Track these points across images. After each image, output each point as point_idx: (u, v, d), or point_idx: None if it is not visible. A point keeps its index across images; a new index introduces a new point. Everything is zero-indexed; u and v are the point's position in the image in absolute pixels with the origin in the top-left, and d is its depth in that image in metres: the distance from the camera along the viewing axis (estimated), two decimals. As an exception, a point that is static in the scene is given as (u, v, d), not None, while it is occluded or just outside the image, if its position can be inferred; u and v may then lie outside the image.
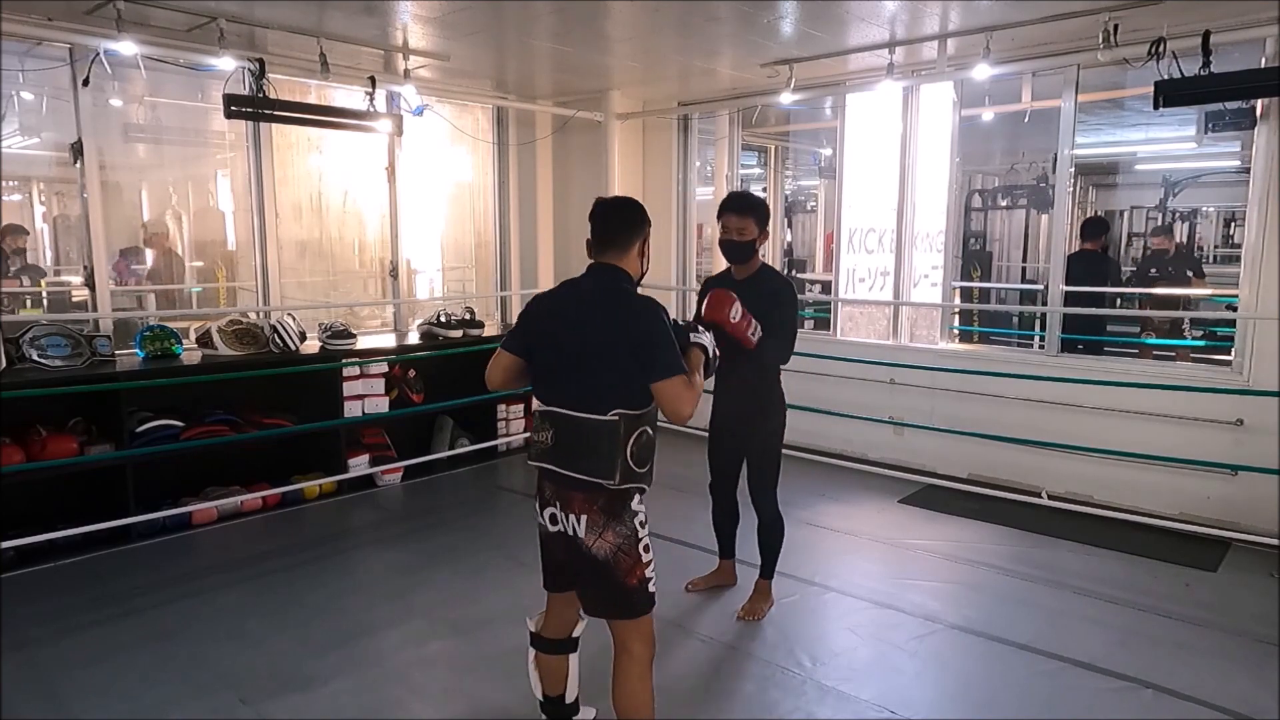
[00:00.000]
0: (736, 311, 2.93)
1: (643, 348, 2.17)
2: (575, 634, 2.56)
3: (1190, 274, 6.75)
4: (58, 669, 3.15)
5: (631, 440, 2.19)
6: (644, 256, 2.40)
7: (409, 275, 6.44)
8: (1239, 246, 6.31)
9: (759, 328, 3.04)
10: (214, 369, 4.73)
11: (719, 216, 3.37)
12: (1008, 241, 9.50)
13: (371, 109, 5.14)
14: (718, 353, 2.51)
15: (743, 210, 3.31)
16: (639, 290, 2.38)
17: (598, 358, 2.21)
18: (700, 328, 2.47)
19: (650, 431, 2.25)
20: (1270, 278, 4.36)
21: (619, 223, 2.36)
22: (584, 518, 2.22)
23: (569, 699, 2.61)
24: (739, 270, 3.41)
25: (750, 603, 3.58)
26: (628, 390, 2.18)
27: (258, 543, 4.50)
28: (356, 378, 5.27)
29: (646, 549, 2.27)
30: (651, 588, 2.28)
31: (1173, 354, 6.34)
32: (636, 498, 2.27)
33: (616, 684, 2.30)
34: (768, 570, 3.60)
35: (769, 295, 3.27)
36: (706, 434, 3.67)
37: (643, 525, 2.27)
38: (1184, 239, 10.65)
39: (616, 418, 2.18)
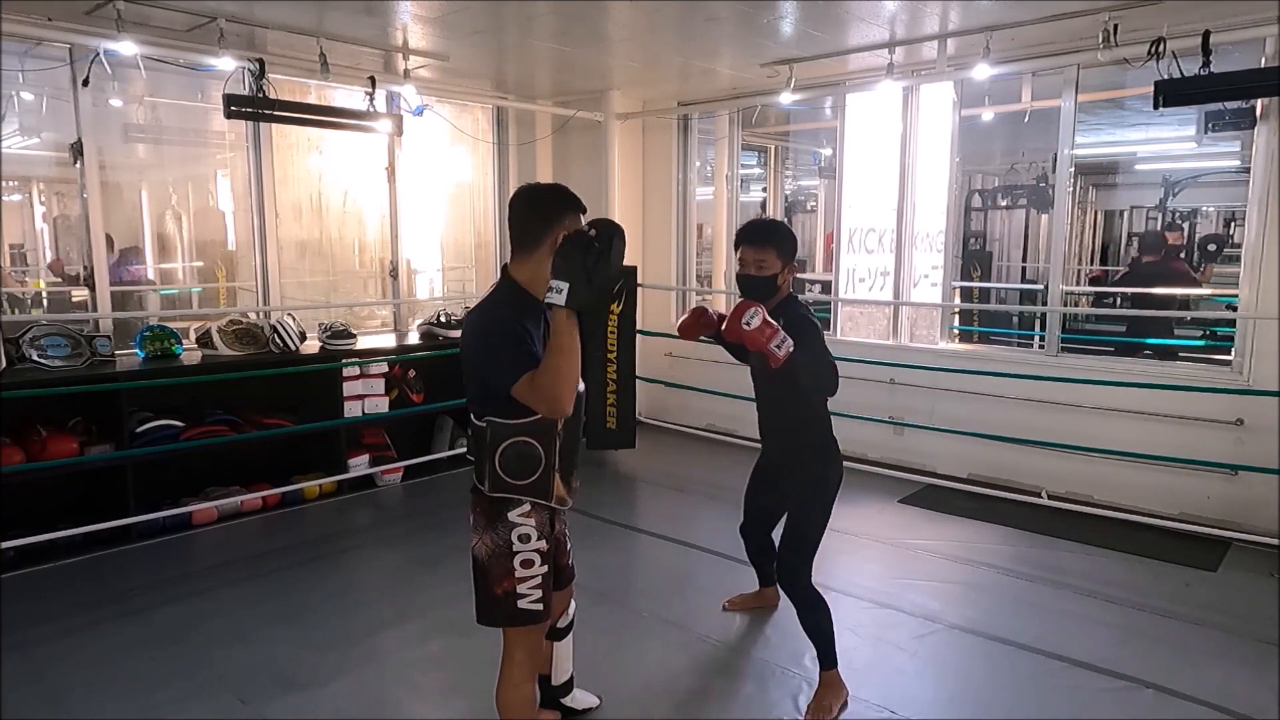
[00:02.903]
0: (753, 317, 2.52)
1: (483, 356, 2.13)
2: (558, 623, 2.65)
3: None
4: (58, 669, 3.15)
5: (499, 449, 2.14)
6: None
7: (409, 275, 6.44)
8: (1239, 246, 6.31)
9: (789, 342, 2.56)
10: (214, 369, 4.73)
11: (736, 247, 2.92)
12: (1008, 241, 9.50)
13: (371, 109, 5.14)
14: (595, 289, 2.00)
15: (761, 241, 2.84)
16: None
17: (467, 362, 2.21)
18: (553, 281, 1.97)
19: (529, 443, 2.14)
20: (1270, 278, 4.37)
21: (525, 218, 2.17)
22: (472, 517, 2.25)
23: (555, 681, 2.71)
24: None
25: (816, 700, 2.94)
26: (495, 398, 2.12)
27: (258, 543, 4.50)
28: (356, 378, 5.27)
29: (527, 564, 2.20)
30: (524, 605, 2.20)
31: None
32: (517, 510, 2.19)
33: (497, 685, 2.32)
34: (825, 660, 2.97)
35: (798, 323, 2.81)
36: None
37: (523, 540, 2.19)
38: (1183, 239, 10.67)
39: (485, 424, 2.16)
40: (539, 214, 2.16)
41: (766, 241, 2.84)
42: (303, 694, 3.00)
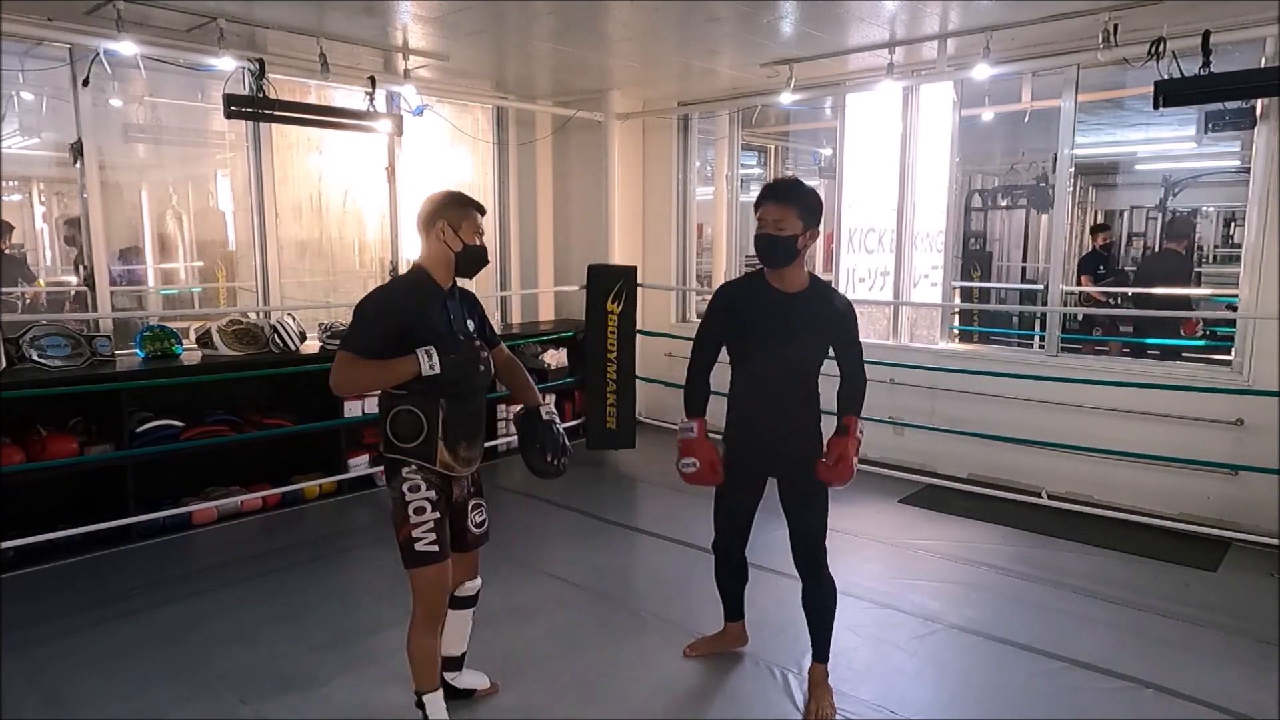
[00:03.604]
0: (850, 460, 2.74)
1: None
2: (458, 592, 2.80)
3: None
4: (58, 669, 3.15)
5: (389, 415, 2.52)
6: (445, 240, 2.57)
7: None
8: (1239, 246, 6.33)
9: (858, 433, 2.82)
10: (214, 369, 4.73)
11: (756, 209, 2.73)
12: (1008, 241, 9.50)
13: (371, 109, 5.14)
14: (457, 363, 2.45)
15: (783, 198, 2.66)
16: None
17: None
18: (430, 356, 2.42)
19: (413, 411, 2.48)
20: (1270, 278, 4.37)
21: (419, 213, 2.63)
22: (382, 470, 2.59)
23: (444, 651, 2.78)
24: (780, 278, 2.73)
25: (816, 700, 2.88)
26: None
27: (258, 543, 4.50)
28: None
29: (418, 512, 2.51)
30: (420, 548, 2.51)
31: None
32: (406, 469, 2.51)
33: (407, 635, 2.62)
34: (821, 653, 2.94)
35: (839, 316, 2.77)
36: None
37: (413, 490, 2.50)
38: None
39: (380, 393, 2.56)
40: (424, 213, 2.62)
41: (788, 198, 2.66)
42: (303, 694, 3.00)
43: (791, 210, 2.66)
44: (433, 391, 2.47)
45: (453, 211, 2.59)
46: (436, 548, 2.52)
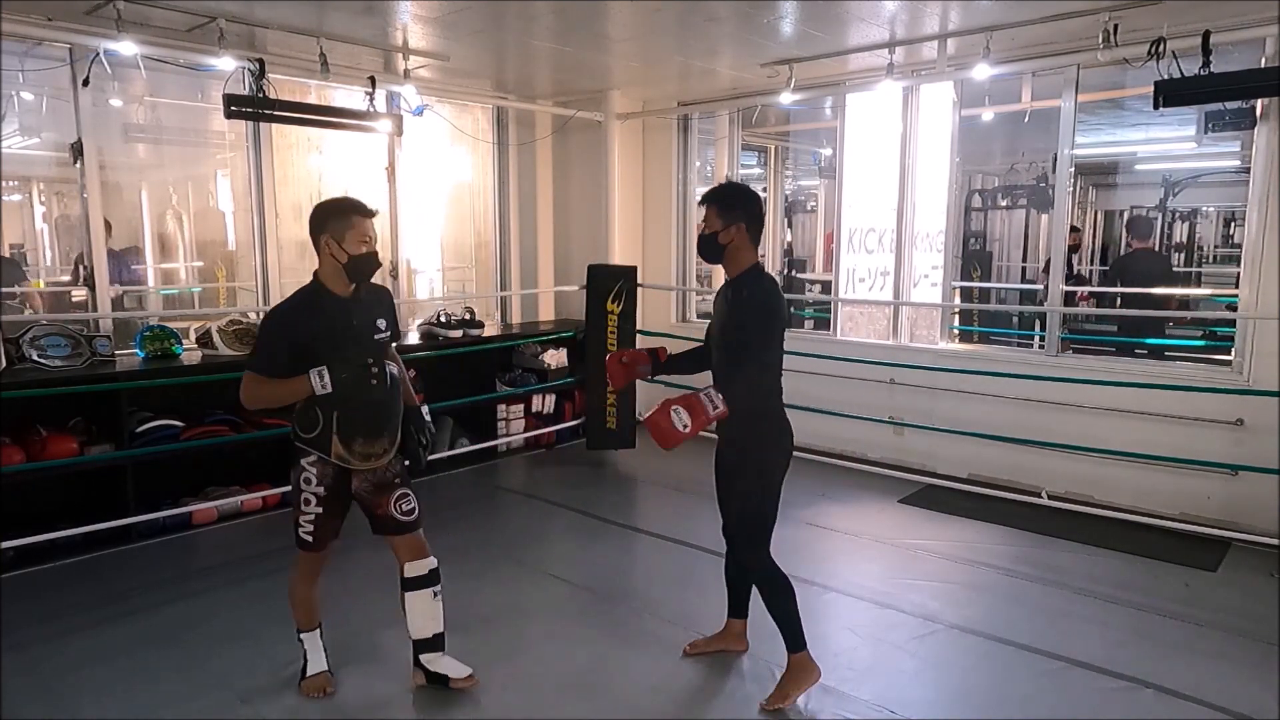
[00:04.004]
0: (680, 421, 2.54)
1: None
2: (406, 574, 2.97)
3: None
4: (58, 669, 3.15)
5: (295, 408, 2.78)
6: (332, 252, 2.70)
7: (409, 275, 6.44)
8: (1239, 246, 6.33)
9: (717, 400, 2.58)
10: (214, 369, 4.72)
11: None
12: (1008, 241, 9.49)
13: (371, 109, 5.14)
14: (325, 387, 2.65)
15: (704, 200, 2.93)
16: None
17: None
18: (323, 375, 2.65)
19: (313, 408, 2.73)
20: (1270, 278, 4.37)
21: (309, 225, 2.75)
22: None
23: (412, 635, 2.99)
24: (727, 271, 2.93)
25: (778, 686, 2.95)
26: None
27: (258, 543, 4.50)
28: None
29: (306, 503, 2.82)
30: (301, 534, 2.86)
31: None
32: (307, 459, 2.79)
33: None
34: (791, 642, 2.93)
35: (738, 301, 2.82)
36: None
37: (306, 483, 2.80)
38: (1183, 238, 10.69)
39: None
40: (313, 222, 2.74)
41: (707, 199, 2.92)
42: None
43: (711, 209, 2.89)
44: (331, 396, 2.66)
45: (335, 222, 2.69)
46: (312, 539, 2.86)
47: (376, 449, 2.82)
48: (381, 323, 2.84)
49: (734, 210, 2.87)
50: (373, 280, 2.86)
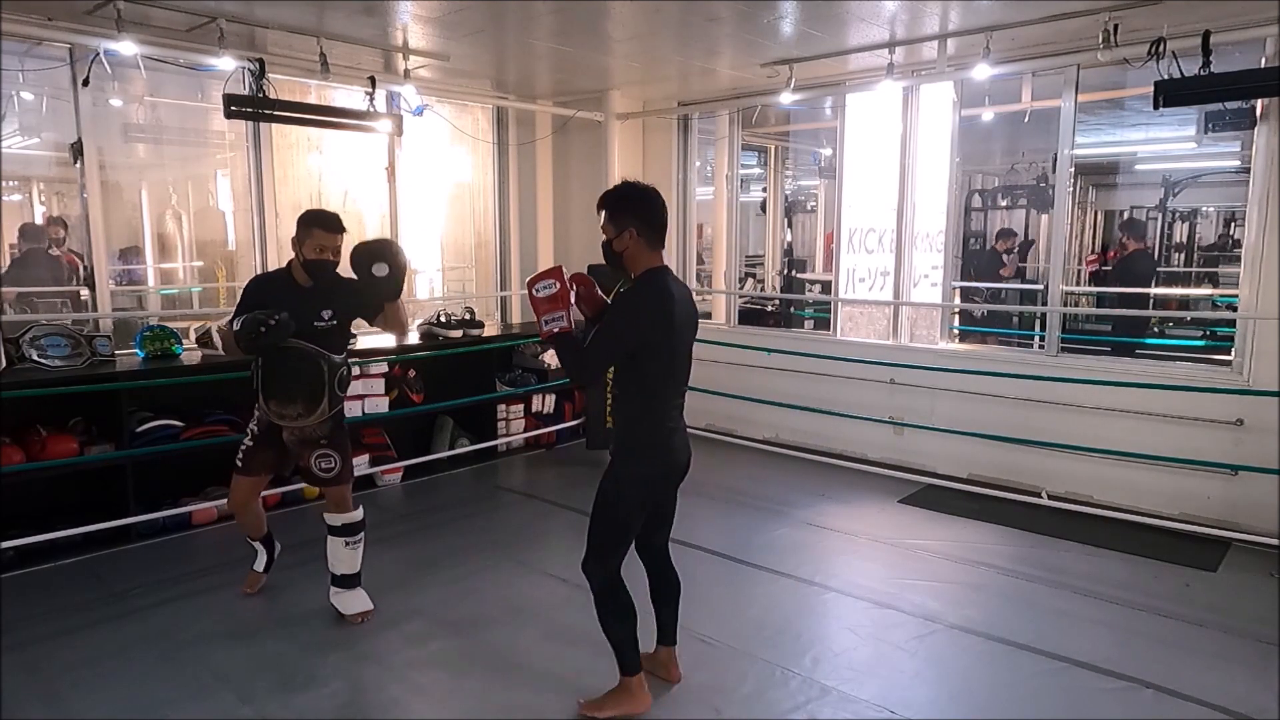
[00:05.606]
0: (546, 288, 2.56)
1: None
2: (327, 521, 3.54)
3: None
4: (58, 669, 3.15)
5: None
6: (299, 253, 3.36)
7: (409, 275, 6.43)
8: (1239, 246, 6.34)
9: (561, 323, 2.59)
10: (214, 369, 4.72)
11: None
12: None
13: (371, 109, 5.14)
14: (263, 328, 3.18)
15: (598, 208, 2.75)
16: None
17: None
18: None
19: (257, 374, 3.37)
20: (1270, 278, 4.37)
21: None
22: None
23: (332, 570, 3.55)
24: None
25: (601, 696, 2.88)
26: None
27: (258, 543, 4.50)
28: (356, 378, 5.26)
29: (248, 436, 3.52)
30: (237, 459, 3.53)
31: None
32: (257, 408, 3.45)
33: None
34: (620, 666, 2.85)
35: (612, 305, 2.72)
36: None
37: (252, 422, 3.52)
38: (1183, 238, 10.69)
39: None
40: (296, 226, 3.38)
41: (599, 207, 2.74)
42: (303, 694, 3.00)
43: (603, 215, 2.72)
44: (257, 355, 3.30)
45: (301, 230, 3.34)
46: (242, 464, 3.52)
47: (289, 411, 3.36)
48: (327, 313, 3.36)
49: (623, 215, 2.66)
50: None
